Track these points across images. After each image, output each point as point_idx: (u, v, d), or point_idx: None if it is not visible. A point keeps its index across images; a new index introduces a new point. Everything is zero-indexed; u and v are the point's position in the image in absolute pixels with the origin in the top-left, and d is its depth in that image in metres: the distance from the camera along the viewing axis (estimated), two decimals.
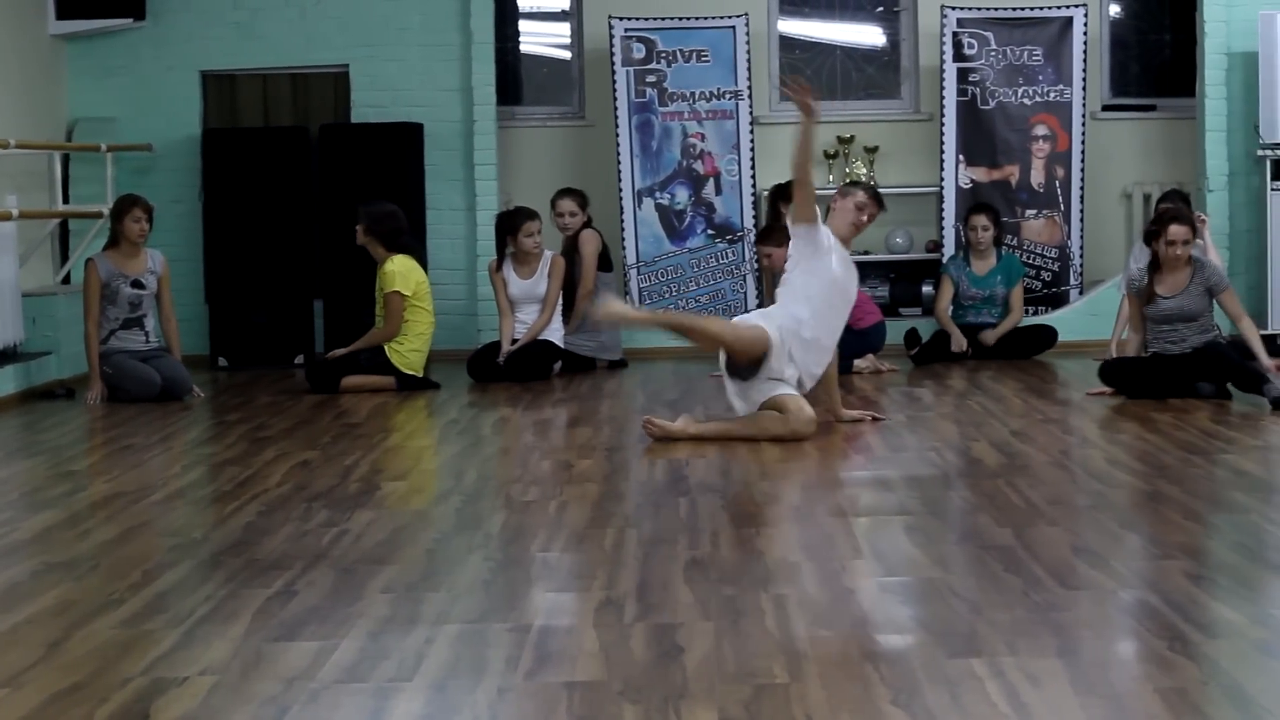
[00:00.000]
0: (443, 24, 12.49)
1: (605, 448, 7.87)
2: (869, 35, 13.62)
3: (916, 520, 5.94)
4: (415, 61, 12.51)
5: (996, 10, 12.73)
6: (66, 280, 11.82)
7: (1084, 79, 12.64)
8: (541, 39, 13.66)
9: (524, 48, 13.54)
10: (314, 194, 12.33)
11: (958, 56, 12.62)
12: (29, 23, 11.92)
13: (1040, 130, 12.66)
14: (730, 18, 12.71)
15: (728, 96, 12.69)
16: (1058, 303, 12.57)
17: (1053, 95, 12.64)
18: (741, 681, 3.92)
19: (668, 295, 12.63)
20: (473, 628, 4.51)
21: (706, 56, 12.69)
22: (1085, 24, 12.64)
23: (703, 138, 12.70)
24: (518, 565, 5.41)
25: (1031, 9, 12.71)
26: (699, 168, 12.70)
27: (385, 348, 10.47)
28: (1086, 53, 12.66)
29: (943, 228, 12.65)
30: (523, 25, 13.49)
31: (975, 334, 11.63)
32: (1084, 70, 12.64)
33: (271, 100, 12.71)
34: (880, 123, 13.29)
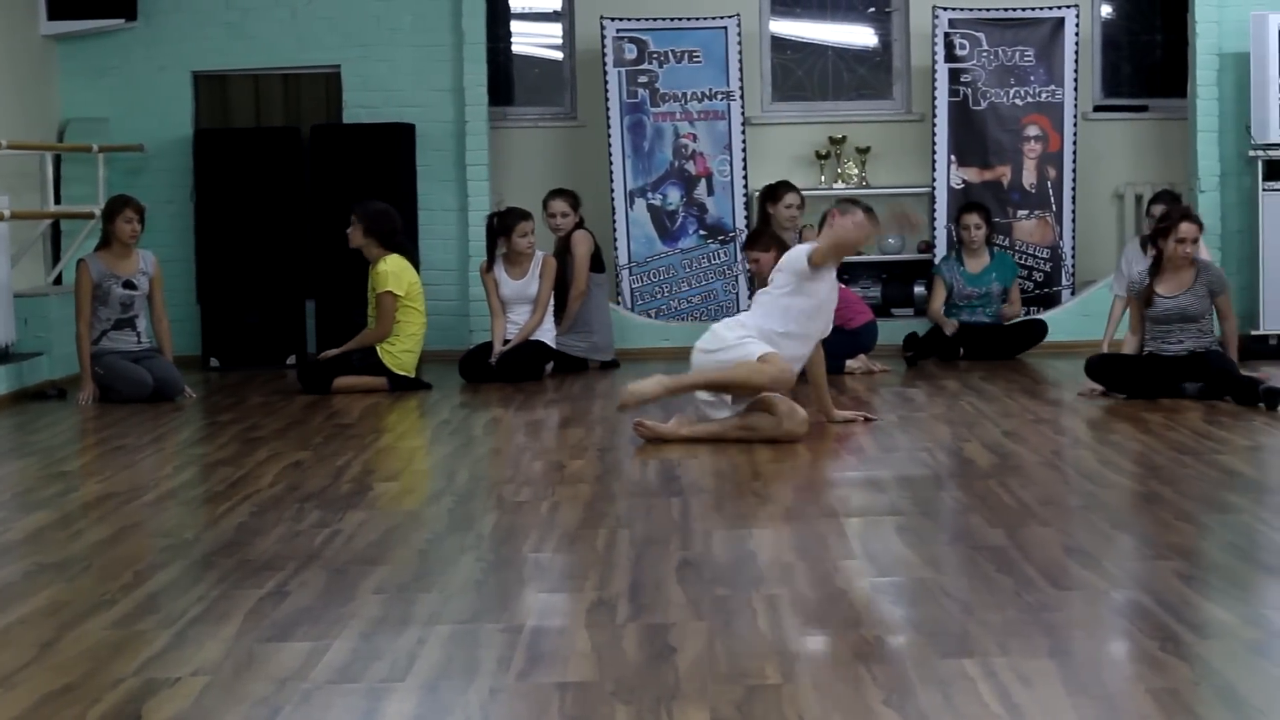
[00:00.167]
0: (434, 24, 12.48)
1: (597, 448, 7.87)
2: (861, 36, 13.63)
3: (908, 521, 5.94)
4: (407, 62, 12.51)
5: (988, 11, 12.74)
6: (58, 281, 11.81)
7: (1075, 79, 12.65)
8: (533, 39, 13.66)
9: (516, 48, 13.53)
10: (306, 194, 12.32)
11: (949, 57, 12.63)
12: (20, 23, 11.91)
13: (1032, 131, 12.67)
14: (722, 18, 12.71)
15: (719, 97, 12.69)
16: (1050, 303, 12.58)
17: (1044, 96, 12.65)
18: (734, 682, 3.92)
19: (659, 295, 12.64)
20: (465, 628, 4.51)
21: (698, 57, 12.70)
22: (1077, 24, 12.65)
23: (694, 138, 12.70)
24: (510, 566, 5.41)
25: (1023, 10, 12.72)
26: (691, 168, 12.70)
27: (377, 348, 10.47)
28: (1078, 53, 12.67)
29: (934, 228, 12.66)
30: (514, 26, 13.48)
31: (972, 333, 11.63)
32: (1075, 71, 12.65)
33: (263, 101, 12.70)
34: (872, 123, 13.30)
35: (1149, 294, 9.24)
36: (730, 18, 12.71)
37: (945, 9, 12.66)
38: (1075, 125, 12.68)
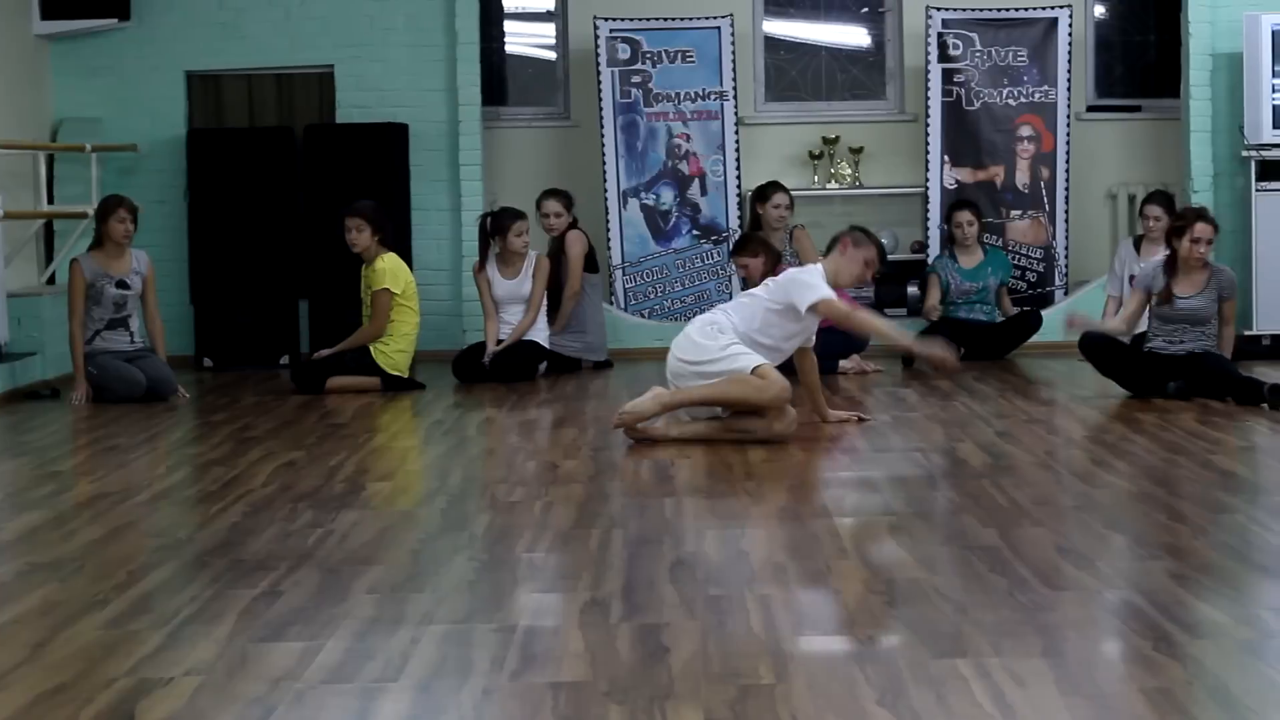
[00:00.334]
0: (428, 24, 12.48)
1: (590, 448, 7.86)
2: (854, 36, 13.64)
3: (902, 521, 5.94)
4: (400, 62, 12.51)
5: (981, 11, 12.75)
6: (51, 281, 11.80)
7: (1069, 80, 12.66)
8: (526, 39, 13.66)
9: (509, 48, 13.54)
10: (299, 194, 12.32)
11: (943, 57, 12.63)
12: (13, 23, 11.90)
13: (1025, 131, 12.68)
14: (715, 18, 12.71)
15: (713, 97, 12.69)
16: (1043, 303, 12.58)
17: (1037, 96, 12.66)
18: (727, 682, 3.92)
19: (653, 296, 12.64)
20: (458, 628, 4.50)
21: (691, 57, 12.70)
22: (1070, 25, 12.66)
23: (688, 138, 12.70)
24: (503, 566, 5.40)
25: (1016, 10, 12.73)
26: (684, 168, 12.70)
27: (370, 348, 10.46)
28: (1071, 53, 12.68)
29: (928, 228, 12.67)
30: (508, 26, 13.49)
31: (968, 331, 11.62)
32: (1069, 71, 12.66)
33: (256, 100, 12.69)
34: (865, 123, 13.31)
35: (1168, 294, 9.17)
36: (723, 18, 12.71)
37: (938, 9, 12.66)
38: (1068, 125, 12.69)
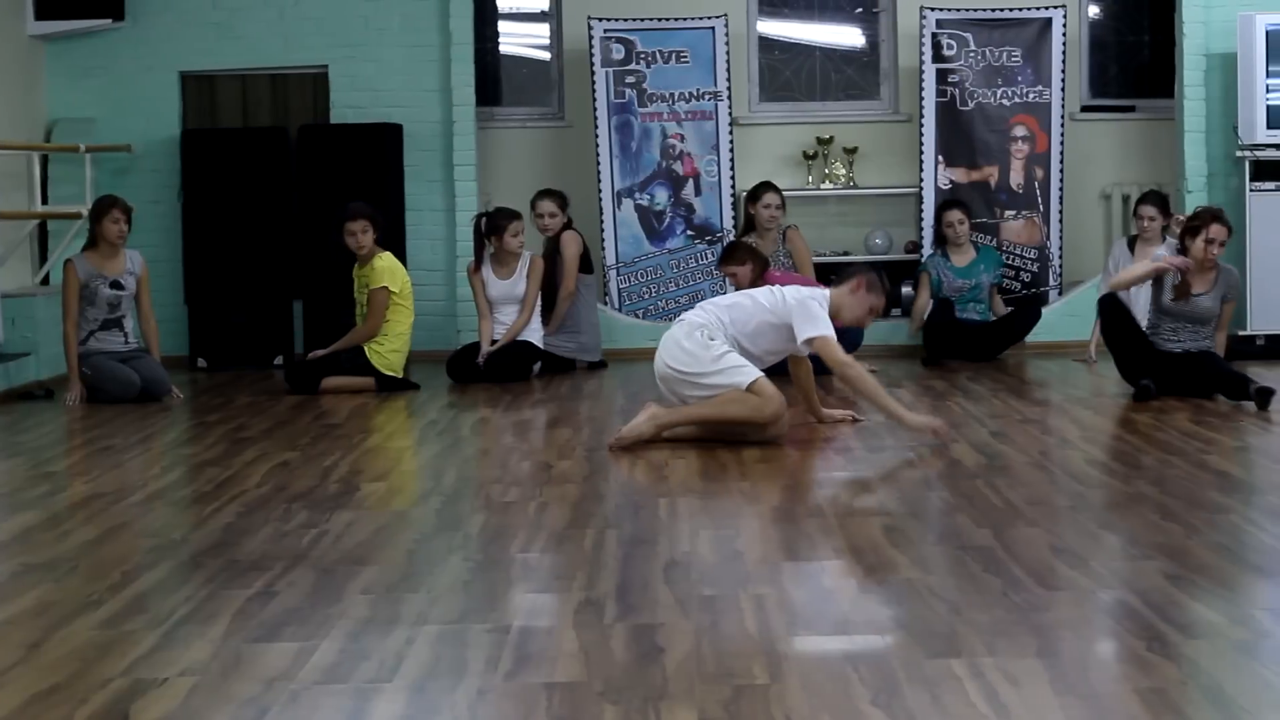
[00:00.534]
0: (422, 25, 12.48)
1: (585, 448, 7.86)
2: (848, 36, 13.64)
3: (896, 521, 5.95)
4: (394, 62, 12.50)
5: (975, 11, 12.75)
6: (45, 281, 11.80)
7: (1063, 80, 12.67)
8: (521, 40, 13.66)
9: (503, 48, 13.53)
10: (293, 195, 12.32)
11: (937, 57, 12.64)
12: (7, 23, 11.90)
13: (1019, 131, 12.68)
14: (709, 18, 12.71)
15: (707, 97, 12.70)
16: (1037, 303, 12.59)
17: (1032, 96, 12.66)
18: (721, 682, 3.92)
19: (647, 296, 12.64)
20: (452, 628, 4.50)
21: (686, 57, 12.70)
22: (1064, 25, 12.67)
23: (682, 138, 12.70)
24: (497, 566, 5.41)
25: (1010, 10, 12.73)
26: (678, 168, 12.70)
27: (365, 348, 10.46)
28: (1065, 54, 12.69)
29: (922, 229, 12.67)
30: (502, 26, 13.49)
31: (964, 330, 11.63)
32: (1063, 71, 12.66)
33: (250, 101, 12.69)
34: (859, 124, 13.32)
35: (1186, 290, 9.17)
36: (718, 18, 12.71)
37: (933, 9, 12.67)
38: (1063, 125, 12.69)
